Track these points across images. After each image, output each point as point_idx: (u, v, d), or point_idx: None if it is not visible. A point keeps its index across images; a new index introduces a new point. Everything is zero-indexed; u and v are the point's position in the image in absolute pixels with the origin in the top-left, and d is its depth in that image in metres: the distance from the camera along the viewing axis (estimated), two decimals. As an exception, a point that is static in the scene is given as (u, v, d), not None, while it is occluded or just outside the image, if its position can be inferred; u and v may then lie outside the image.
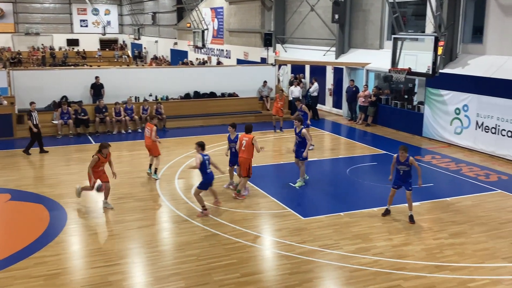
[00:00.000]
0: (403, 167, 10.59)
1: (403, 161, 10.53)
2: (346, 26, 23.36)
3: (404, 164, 10.54)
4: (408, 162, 10.51)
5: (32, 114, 16.22)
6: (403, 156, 10.49)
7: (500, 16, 16.18)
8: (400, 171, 10.66)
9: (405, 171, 10.61)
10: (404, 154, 10.47)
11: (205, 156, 10.82)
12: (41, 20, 60.02)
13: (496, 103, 15.74)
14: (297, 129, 12.83)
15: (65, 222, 10.58)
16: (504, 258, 9.04)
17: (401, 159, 10.54)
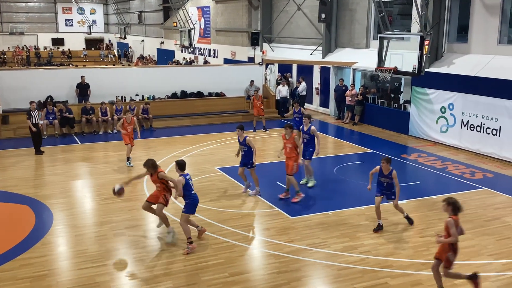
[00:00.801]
0: (386, 180, 10.02)
1: (386, 174, 9.97)
2: (333, 25, 23.45)
3: (387, 177, 9.98)
4: (391, 176, 9.93)
5: (32, 114, 16.03)
6: (386, 168, 9.90)
7: (485, 15, 16.34)
8: (383, 183, 10.09)
9: (388, 183, 10.05)
10: (387, 167, 9.88)
11: (186, 176, 9.26)
12: (26, 20, 59.44)
13: (481, 101, 15.90)
14: (305, 127, 12.47)
15: (51, 223, 10.49)
16: (490, 255, 9.14)
17: (384, 172, 9.96)
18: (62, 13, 61.21)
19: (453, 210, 7.35)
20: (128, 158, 14.76)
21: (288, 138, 11.68)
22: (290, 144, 11.64)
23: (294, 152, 11.66)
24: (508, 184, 13.43)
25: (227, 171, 14.10)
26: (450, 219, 7.29)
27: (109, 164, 15.09)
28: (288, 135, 11.71)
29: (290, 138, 11.64)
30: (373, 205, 11.50)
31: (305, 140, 12.53)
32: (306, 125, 12.46)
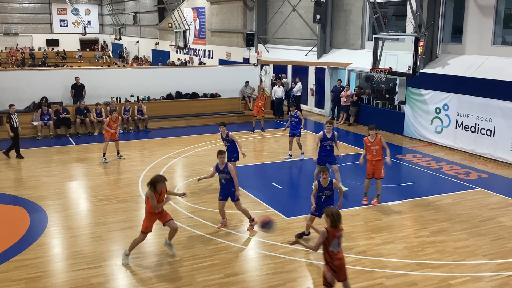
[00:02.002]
0: (326, 192, 9.17)
1: (326, 186, 9.14)
2: (328, 26, 23.48)
3: (327, 189, 9.18)
4: (331, 186, 9.18)
5: (12, 117, 15.85)
6: (325, 180, 9.08)
7: (479, 16, 16.41)
8: (322, 197, 9.23)
9: (327, 196, 9.23)
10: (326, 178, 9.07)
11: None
12: (20, 20, 59.24)
13: (475, 102, 15.96)
14: (329, 134, 12.02)
15: (46, 224, 10.45)
16: (485, 255, 9.16)
17: (323, 184, 9.11)
18: (56, 13, 61.04)
19: (331, 222, 6.67)
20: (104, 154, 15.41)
21: (374, 140, 11.38)
22: (377, 146, 11.36)
23: (381, 154, 11.35)
24: (503, 184, 13.49)
25: (223, 172, 14.08)
26: (323, 229, 6.71)
27: (104, 165, 15.05)
28: (372, 137, 11.37)
29: (376, 139, 11.36)
30: (369, 206, 11.57)
31: (328, 146, 12.08)
32: (329, 132, 12.04)
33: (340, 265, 6.75)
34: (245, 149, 17.11)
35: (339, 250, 6.76)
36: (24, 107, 19.12)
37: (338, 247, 6.74)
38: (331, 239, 6.66)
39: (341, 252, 6.79)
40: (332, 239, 6.66)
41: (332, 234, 6.67)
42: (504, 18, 16.22)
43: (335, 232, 6.69)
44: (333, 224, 6.67)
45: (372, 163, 11.55)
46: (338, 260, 6.73)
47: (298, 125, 15.55)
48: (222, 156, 10.04)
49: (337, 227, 6.70)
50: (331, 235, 6.67)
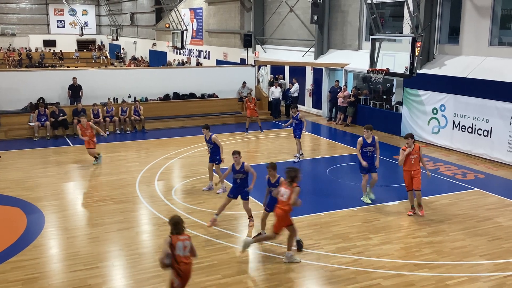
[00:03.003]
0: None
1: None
2: (325, 27, 23.50)
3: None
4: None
5: None
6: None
7: (476, 17, 16.45)
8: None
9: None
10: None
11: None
12: (17, 21, 59.15)
13: (472, 103, 15.99)
14: (369, 139, 11.53)
15: (43, 225, 10.43)
16: (482, 255, 9.18)
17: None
18: (53, 14, 60.98)
19: (174, 229, 6.69)
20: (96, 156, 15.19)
21: (413, 149, 10.83)
22: (416, 155, 10.86)
23: (419, 165, 10.94)
24: (500, 185, 13.52)
25: (220, 173, 14.08)
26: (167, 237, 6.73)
27: (101, 166, 15.03)
28: (410, 145, 10.79)
29: (415, 148, 10.83)
30: (366, 206, 11.58)
31: (369, 153, 11.59)
32: (369, 137, 11.51)
33: (187, 269, 6.76)
34: (242, 150, 17.12)
35: (186, 254, 6.74)
36: (21, 108, 19.09)
37: (184, 251, 6.71)
38: (175, 243, 6.66)
39: (187, 256, 6.77)
40: (176, 241, 6.67)
41: (175, 240, 6.67)
42: (500, 19, 16.26)
43: (178, 237, 6.69)
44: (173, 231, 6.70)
45: (410, 173, 10.97)
46: (185, 264, 6.73)
47: (298, 127, 15.53)
48: (236, 156, 10.14)
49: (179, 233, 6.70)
50: (174, 240, 6.67)
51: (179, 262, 6.68)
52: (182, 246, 6.70)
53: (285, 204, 8.66)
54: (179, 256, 6.67)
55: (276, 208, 8.76)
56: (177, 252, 6.66)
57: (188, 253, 6.78)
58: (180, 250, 6.68)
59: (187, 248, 6.75)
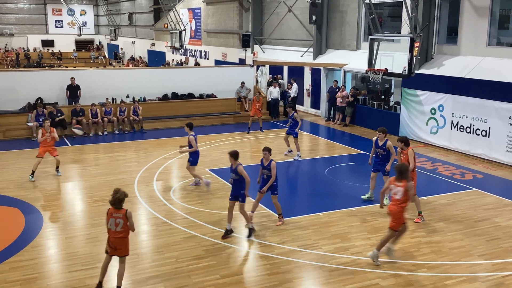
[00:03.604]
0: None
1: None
2: (324, 27, 23.51)
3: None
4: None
5: None
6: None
7: (474, 17, 16.46)
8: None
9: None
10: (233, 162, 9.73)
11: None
12: (15, 21, 59.10)
13: (470, 103, 16.01)
14: (380, 142, 11.50)
15: (41, 225, 10.42)
16: (480, 255, 9.19)
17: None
18: (52, 14, 60.93)
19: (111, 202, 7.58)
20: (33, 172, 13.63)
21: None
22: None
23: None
24: (498, 185, 13.53)
25: (219, 173, 14.08)
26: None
27: (99, 166, 15.02)
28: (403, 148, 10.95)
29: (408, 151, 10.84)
30: (364, 206, 11.58)
31: (380, 155, 11.58)
32: (381, 140, 11.48)
33: (115, 242, 7.62)
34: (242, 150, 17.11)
35: (116, 229, 7.57)
36: (19, 108, 19.06)
37: (116, 227, 7.56)
38: (108, 218, 7.57)
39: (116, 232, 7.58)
40: (109, 218, 7.56)
41: (110, 214, 7.57)
42: (499, 19, 16.28)
43: (113, 212, 7.55)
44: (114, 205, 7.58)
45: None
46: (113, 238, 7.61)
47: (294, 127, 15.65)
48: (266, 153, 10.23)
49: (116, 209, 7.55)
50: (109, 214, 7.59)
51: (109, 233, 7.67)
52: (114, 223, 7.56)
53: (400, 201, 8.58)
54: (109, 230, 7.62)
55: (391, 206, 8.72)
56: (108, 226, 7.61)
57: (120, 229, 7.57)
58: (111, 225, 7.58)
59: (118, 225, 7.56)
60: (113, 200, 7.55)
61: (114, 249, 7.66)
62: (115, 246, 7.62)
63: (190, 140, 12.63)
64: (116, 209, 7.55)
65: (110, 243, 7.66)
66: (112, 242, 7.63)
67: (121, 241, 7.62)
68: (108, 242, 7.70)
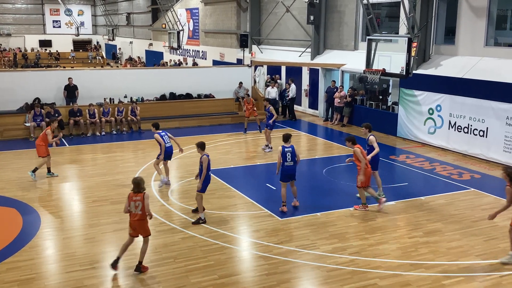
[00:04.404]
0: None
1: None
2: (321, 27, 23.52)
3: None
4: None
5: None
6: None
7: (472, 18, 16.49)
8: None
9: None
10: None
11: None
12: (13, 21, 58.98)
13: (468, 103, 16.03)
14: (365, 137, 12.12)
15: (39, 226, 10.40)
16: (478, 255, 9.21)
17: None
18: (49, 14, 60.83)
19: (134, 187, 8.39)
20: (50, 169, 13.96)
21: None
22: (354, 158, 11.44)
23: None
24: (495, 185, 13.53)
25: (217, 173, 14.06)
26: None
27: (97, 167, 15.00)
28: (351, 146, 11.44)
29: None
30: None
31: (365, 150, 11.92)
32: (365, 135, 12.06)
33: (134, 224, 8.32)
34: (239, 150, 17.17)
35: (136, 212, 8.24)
36: (17, 108, 19.03)
37: (136, 210, 8.23)
38: (129, 201, 8.24)
39: (136, 214, 8.25)
40: (130, 201, 8.23)
41: (130, 198, 8.25)
42: (496, 19, 16.30)
43: (133, 196, 8.24)
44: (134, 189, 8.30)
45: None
46: (133, 220, 8.30)
47: (269, 119, 16.69)
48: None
49: (135, 193, 8.25)
50: (129, 198, 8.27)
51: (130, 216, 8.36)
52: (134, 205, 8.24)
53: None
54: (130, 212, 8.31)
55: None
56: (129, 208, 8.29)
57: (140, 211, 8.24)
58: (132, 208, 8.26)
59: (137, 208, 8.23)
60: (132, 185, 8.32)
61: (135, 230, 8.36)
62: (135, 227, 8.33)
63: (156, 137, 13.01)
64: (135, 193, 8.25)
65: (131, 225, 8.36)
66: (132, 224, 8.33)
67: (140, 223, 8.30)
68: (130, 225, 8.40)
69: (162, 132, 13.10)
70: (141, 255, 8.49)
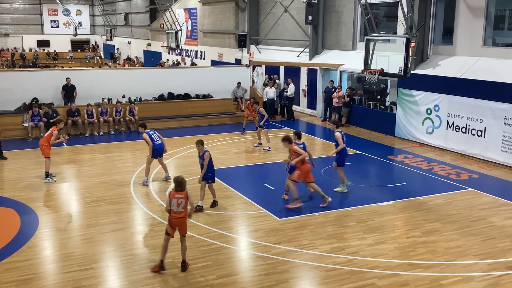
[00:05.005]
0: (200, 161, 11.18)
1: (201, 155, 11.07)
2: (320, 27, 23.54)
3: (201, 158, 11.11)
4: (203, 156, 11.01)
5: None
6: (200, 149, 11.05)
7: (470, 18, 16.51)
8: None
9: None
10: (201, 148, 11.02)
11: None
12: (11, 21, 58.91)
13: (466, 103, 16.05)
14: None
15: (37, 226, 10.38)
16: (476, 255, 9.22)
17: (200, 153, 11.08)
18: (47, 14, 60.77)
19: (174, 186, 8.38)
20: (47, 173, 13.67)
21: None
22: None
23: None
24: (493, 185, 13.58)
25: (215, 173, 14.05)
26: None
27: (95, 167, 14.99)
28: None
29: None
30: (361, 206, 11.61)
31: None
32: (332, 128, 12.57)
33: (177, 222, 8.34)
34: (237, 150, 17.17)
35: (178, 210, 8.27)
36: (15, 108, 19.00)
37: (178, 208, 8.26)
38: (171, 200, 8.27)
39: (180, 212, 8.29)
40: (172, 199, 8.26)
41: (172, 196, 8.28)
42: (494, 19, 16.33)
43: (175, 194, 8.28)
44: (176, 188, 8.34)
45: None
46: (176, 218, 8.31)
47: (261, 120, 16.98)
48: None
49: (178, 191, 8.29)
50: (171, 196, 8.30)
51: (171, 215, 8.34)
52: (176, 203, 8.26)
53: None
54: (172, 211, 8.30)
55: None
56: (171, 207, 8.29)
57: (182, 209, 8.29)
58: (174, 206, 8.27)
59: (180, 206, 8.28)
60: (174, 184, 8.40)
61: (175, 229, 8.37)
62: (177, 226, 8.33)
63: (144, 137, 12.99)
64: (177, 191, 8.29)
65: (172, 224, 8.35)
66: (173, 223, 8.32)
67: (182, 221, 8.33)
68: (170, 224, 8.38)
69: (150, 131, 13.17)
70: (183, 253, 8.53)
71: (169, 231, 8.40)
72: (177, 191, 8.31)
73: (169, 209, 8.31)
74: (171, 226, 8.37)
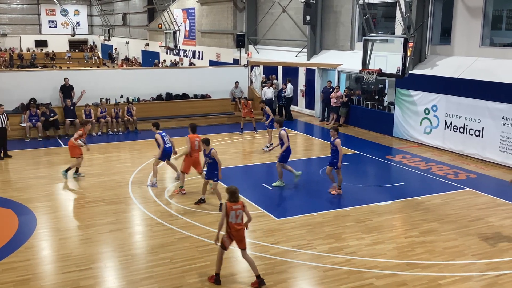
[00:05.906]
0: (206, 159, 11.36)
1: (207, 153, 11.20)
2: (318, 27, 23.54)
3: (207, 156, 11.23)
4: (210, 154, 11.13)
5: (1, 117, 15.71)
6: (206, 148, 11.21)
7: (467, 18, 16.53)
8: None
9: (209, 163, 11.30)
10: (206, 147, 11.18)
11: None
12: (8, 21, 58.79)
13: (464, 103, 16.07)
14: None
15: (35, 226, 10.37)
16: (473, 255, 9.23)
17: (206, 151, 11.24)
18: (45, 14, 60.66)
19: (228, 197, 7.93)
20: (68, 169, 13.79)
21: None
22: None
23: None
24: (491, 185, 13.59)
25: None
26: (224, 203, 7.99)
27: (93, 167, 14.96)
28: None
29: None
30: (359, 206, 11.62)
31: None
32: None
33: (239, 235, 7.91)
34: (235, 150, 17.17)
35: (237, 221, 7.87)
36: (13, 109, 18.96)
37: (236, 219, 7.85)
38: (228, 211, 7.80)
39: (238, 224, 7.88)
40: (230, 211, 7.81)
41: (230, 207, 7.81)
42: (492, 19, 16.35)
43: (232, 205, 7.83)
44: (230, 199, 7.88)
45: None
46: (237, 230, 7.88)
47: (267, 119, 17.02)
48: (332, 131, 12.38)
49: (234, 202, 7.86)
50: (228, 208, 7.81)
51: (231, 227, 7.88)
52: (235, 215, 7.83)
53: None
54: (231, 223, 7.84)
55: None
56: (229, 220, 7.82)
57: (240, 220, 7.88)
58: (232, 218, 7.83)
59: (238, 217, 7.86)
60: (228, 194, 7.92)
61: (236, 242, 7.95)
62: (237, 238, 7.91)
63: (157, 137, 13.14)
64: (232, 202, 7.85)
65: (233, 237, 7.90)
66: (235, 236, 7.88)
67: (241, 233, 7.94)
68: (230, 237, 7.90)
69: (162, 133, 13.15)
70: (255, 269, 8.01)
71: (227, 244, 7.96)
72: (232, 202, 7.85)
73: (227, 221, 7.80)
74: (230, 239, 7.92)
